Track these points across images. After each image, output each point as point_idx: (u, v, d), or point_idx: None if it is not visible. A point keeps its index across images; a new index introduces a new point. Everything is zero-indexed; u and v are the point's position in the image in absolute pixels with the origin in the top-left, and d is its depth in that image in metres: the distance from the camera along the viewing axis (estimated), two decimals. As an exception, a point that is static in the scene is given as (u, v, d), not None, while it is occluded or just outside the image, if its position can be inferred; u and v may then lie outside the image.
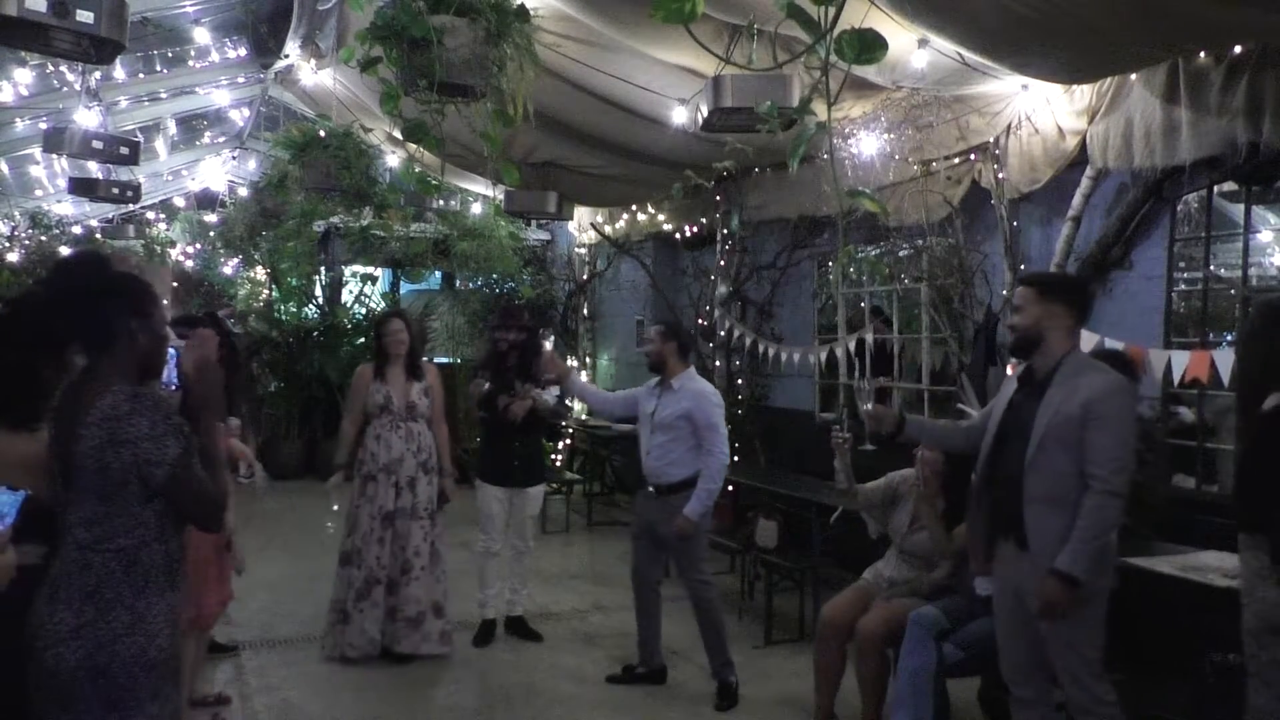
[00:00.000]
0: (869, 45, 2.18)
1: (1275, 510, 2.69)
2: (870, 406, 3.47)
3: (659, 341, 4.61)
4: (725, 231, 7.75)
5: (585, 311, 10.69)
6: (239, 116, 9.58)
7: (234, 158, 10.42)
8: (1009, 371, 4.73)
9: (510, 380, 5.19)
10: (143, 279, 2.30)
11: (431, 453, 5.07)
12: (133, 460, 2.09)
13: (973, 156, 5.27)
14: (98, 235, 11.49)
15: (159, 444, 2.12)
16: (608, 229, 9.70)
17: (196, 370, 2.27)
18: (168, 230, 11.98)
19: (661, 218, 8.65)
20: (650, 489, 4.60)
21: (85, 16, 3.17)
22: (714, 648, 4.56)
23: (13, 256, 9.69)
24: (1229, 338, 4.49)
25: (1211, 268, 4.44)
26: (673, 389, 4.54)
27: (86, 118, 6.07)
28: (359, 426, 5.09)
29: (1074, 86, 4.63)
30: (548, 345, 5.11)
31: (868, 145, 5.34)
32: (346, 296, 11.32)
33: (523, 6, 3.71)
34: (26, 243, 9.95)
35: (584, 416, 10.08)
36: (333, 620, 4.94)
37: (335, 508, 4.41)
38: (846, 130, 5.38)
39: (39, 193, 9.91)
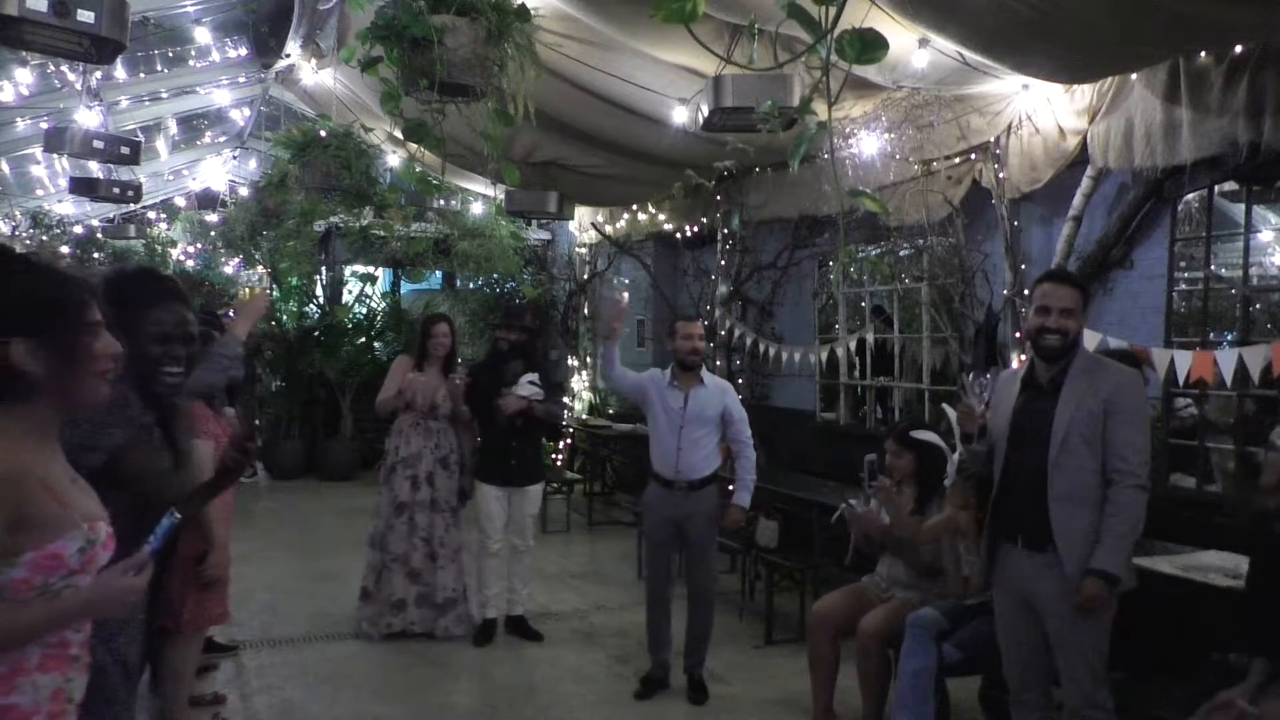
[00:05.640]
0: (870, 45, 2.18)
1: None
2: (981, 407, 3.34)
3: (701, 338, 4.64)
4: (726, 231, 7.75)
5: (585, 311, 10.69)
6: (239, 116, 9.58)
7: (234, 157, 10.42)
8: (1016, 367, 4.73)
9: (507, 380, 5.21)
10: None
11: (452, 450, 5.35)
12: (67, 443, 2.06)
13: (973, 156, 5.27)
14: (99, 235, 11.50)
15: (99, 430, 2.09)
16: (608, 229, 9.70)
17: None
18: (168, 230, 11.99)
19: (662, 217, 8.65)
20: (682, 485, 4.55)
21: (86, 16, 3.17)
22: (704, 644, 4.61)
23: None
24: (1229, 337, 4.49)
25: (1212, 267, 4.43)
26: (704, 384, 4.62)
27: (87, 117, 6.07)
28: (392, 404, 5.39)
29: (1075, 86, 4.63)
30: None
31: (868, 145, 5.34)
32: (347, 296, 11.33)
33: (523, 6, 3.70)
34: (28, 242, 9.96)
35: (584, 416, 10.09)
36: (359, 602, 5.32)
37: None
38: (847, 130, 5.38)
39: (40, 192, 9.91)
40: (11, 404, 1.65)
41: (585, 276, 10.62)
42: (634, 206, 9.00)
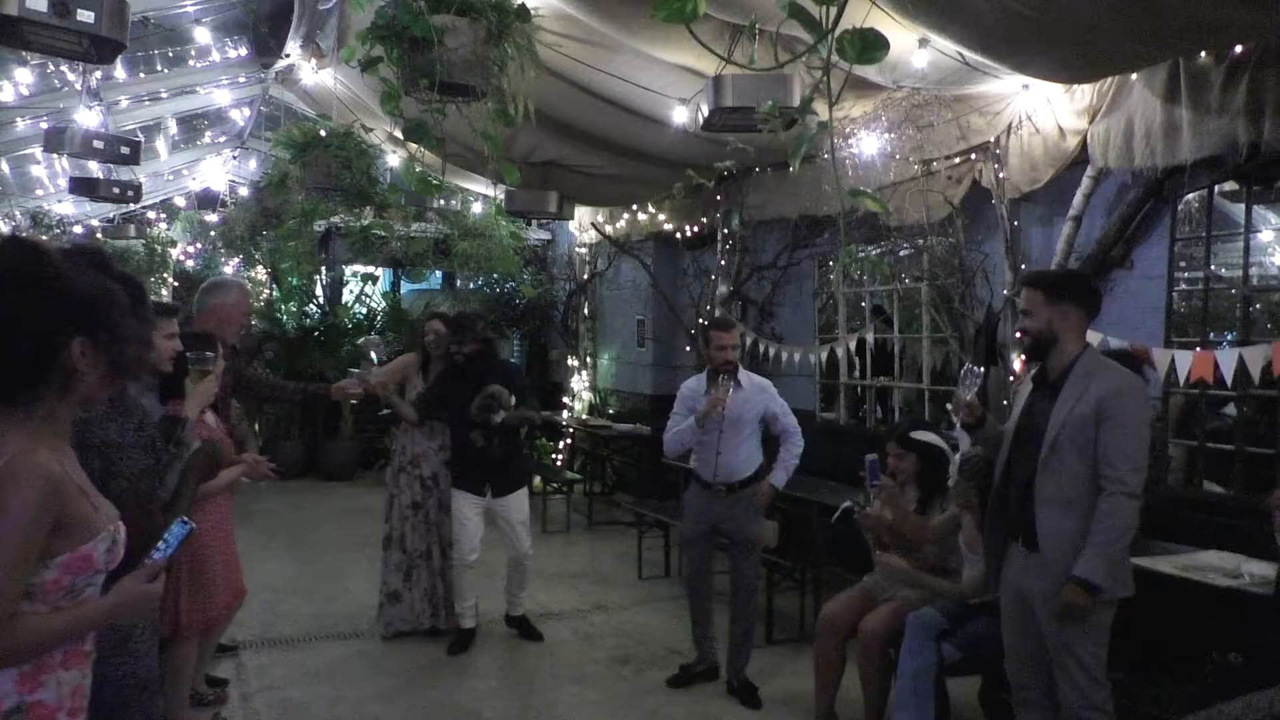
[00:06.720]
0: (870, 45, 2.18)
1: None
2: (969, 396, 3.37)
3: (735, 346, 4.57)
4: (726, 231, 7.75)
5: (586, 311, 10.69)
6: (240, 116, 9.57)
7: (235, 157, 10.42)
8: (1017, 367, 4.74)
9: (470, 392, 5.01)
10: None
11: None
12: (101, 468, 2.05)
13: (973, 156, 5.27)
14: (99, 235, 11.49)
15: (125, 454, 2.10)
16: (608, 229, 9.69)
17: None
18: (168, 230, 11.99)
19: (662, 217, 8.65)
20: (720, 487, 4.54)
21: (86, 16, 3.17)
22: (749, 644, 4.59)
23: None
24: (1229, 337, 4.49)
25: (1212, 267, 4.43)
26: (743, 385, 4.54)
27: (87, 117, 6.06)
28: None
29: (1075, 86, 4.63)
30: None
31: (868, 145, 5.33)
32: (347, 296, 11.33)
33: (523, 6, 3.70)
34: (27, 242, 9.93)
35: (584, 416, 10.08)
36: (382, 602, 5.32)
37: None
38: (847, 130, 5.38)
39: (40, 192, 9.90)
40: (42, 405, 1.65)
41: (585, 276, 10.62)
42: (634, 206, 9.00)
